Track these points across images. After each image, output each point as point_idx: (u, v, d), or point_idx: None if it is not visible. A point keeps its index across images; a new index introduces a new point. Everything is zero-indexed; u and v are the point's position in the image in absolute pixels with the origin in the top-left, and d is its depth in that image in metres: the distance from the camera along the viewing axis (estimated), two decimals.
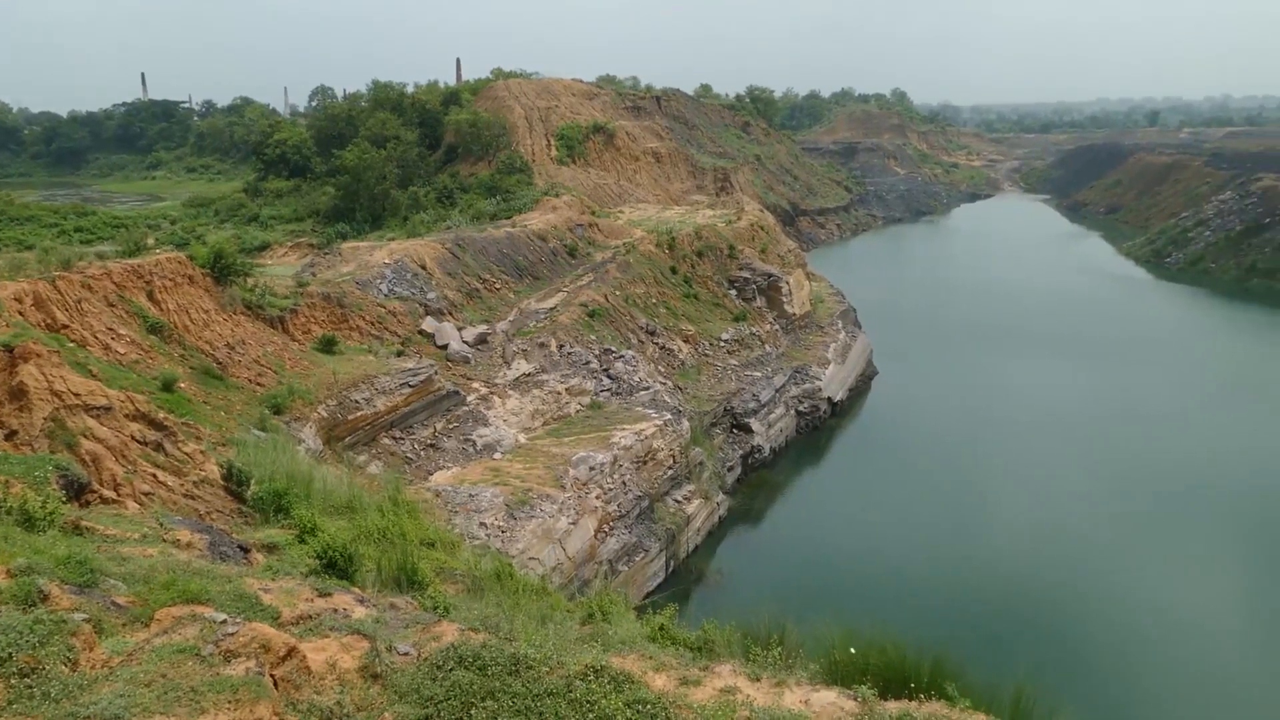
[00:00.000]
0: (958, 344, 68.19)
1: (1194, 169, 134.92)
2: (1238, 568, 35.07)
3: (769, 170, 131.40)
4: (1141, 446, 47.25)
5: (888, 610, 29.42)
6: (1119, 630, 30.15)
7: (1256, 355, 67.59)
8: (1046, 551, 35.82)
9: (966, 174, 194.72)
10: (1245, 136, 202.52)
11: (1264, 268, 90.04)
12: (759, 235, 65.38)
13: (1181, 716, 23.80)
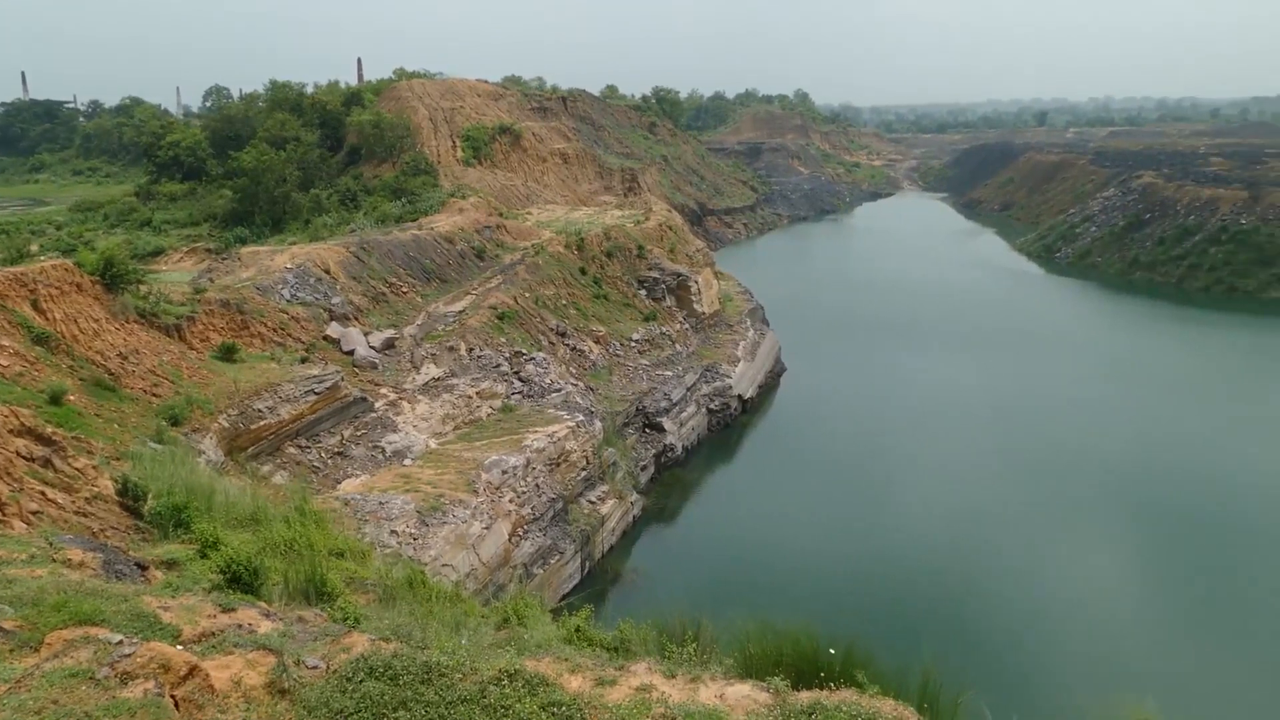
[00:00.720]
0: (863, 339, 69.86)
1: (1080, 167, 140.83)
2: (1127, 547, 36.74)
3: (676, 171, 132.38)
4: (1036, 434, 49.12)
5: (801, 602, 30.02)
6: (1017, 611, 31.32)
7: (1140, 345, 70.89)
8: (949, 539, 36.96)
9: (868, 173, 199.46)
10: (1126, 136, 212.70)
11: (1145, 261, 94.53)
12: (667, 235, 65.82)
13: (1077, 690, 24.79)
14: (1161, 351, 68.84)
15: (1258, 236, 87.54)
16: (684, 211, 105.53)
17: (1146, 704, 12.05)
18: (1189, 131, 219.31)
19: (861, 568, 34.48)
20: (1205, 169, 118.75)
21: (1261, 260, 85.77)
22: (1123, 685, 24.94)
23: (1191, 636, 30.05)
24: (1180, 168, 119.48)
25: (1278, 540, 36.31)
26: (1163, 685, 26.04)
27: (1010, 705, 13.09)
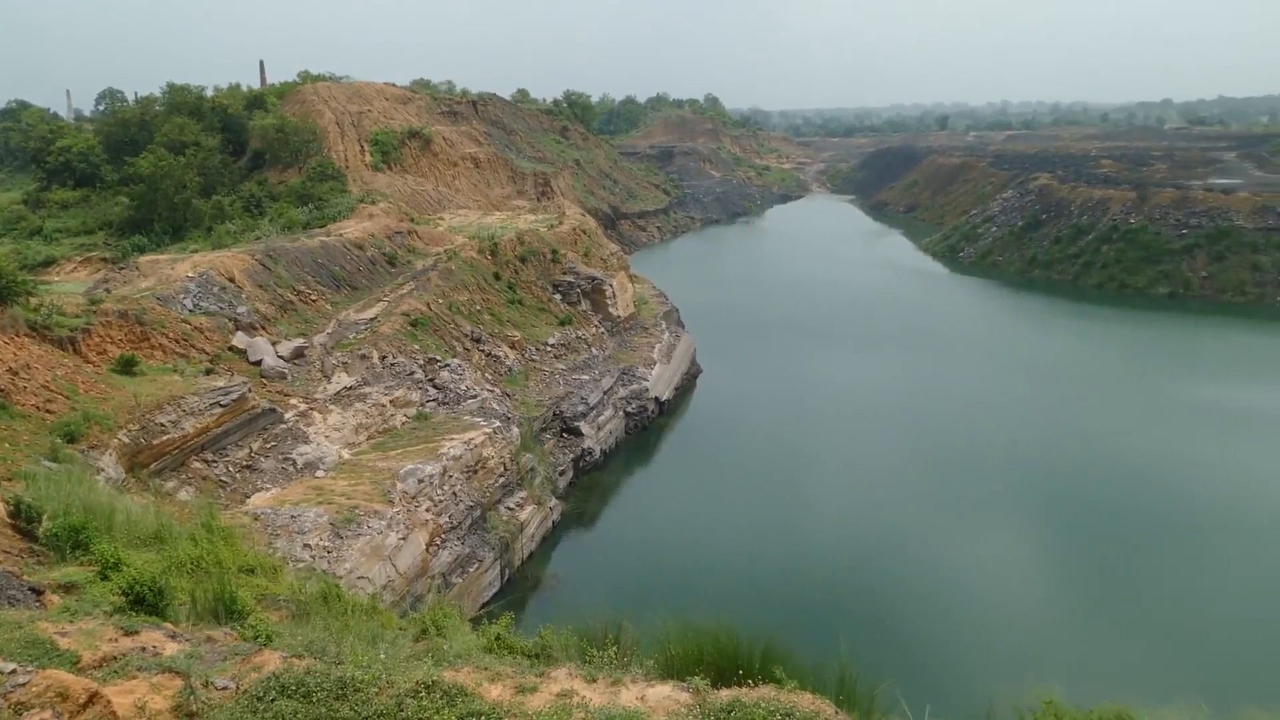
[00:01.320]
0: (777, 339, 70.91)
1: (980, 170, 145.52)
2: (1033, 537, 38.07)
3: (589, 174, 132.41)
4: (945, 430, 50.55)
5: (721, 601, 30.15)
6: (930, 603, 32.17)
7: (1041, 341, 73.55)
8: (864, 534, 37.78)
9: (778, 176, 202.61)
10: (1022, 139, 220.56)
11: (1043, 260, 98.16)
12: (581, 239, 65.80)
13: (987, 677, 25.57)
14: (1061, 347, 71.51)
15: (1145, 235, 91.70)
16: (598, 215, 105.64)
17: (1052, 688, 12.46)
18: (1081, 135, 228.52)
19: (779, 565, 34.99)
20: (1096, 171, 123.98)
21: (1149, 258, 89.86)
22: (1030, 671, 25.78)
23: (1093, 622, 31.28)
24: (1073, 170, 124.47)
25: (1174, 526, 38.01)
26: (1067, 669, 27.08)
27: (924, 694, 13.40)
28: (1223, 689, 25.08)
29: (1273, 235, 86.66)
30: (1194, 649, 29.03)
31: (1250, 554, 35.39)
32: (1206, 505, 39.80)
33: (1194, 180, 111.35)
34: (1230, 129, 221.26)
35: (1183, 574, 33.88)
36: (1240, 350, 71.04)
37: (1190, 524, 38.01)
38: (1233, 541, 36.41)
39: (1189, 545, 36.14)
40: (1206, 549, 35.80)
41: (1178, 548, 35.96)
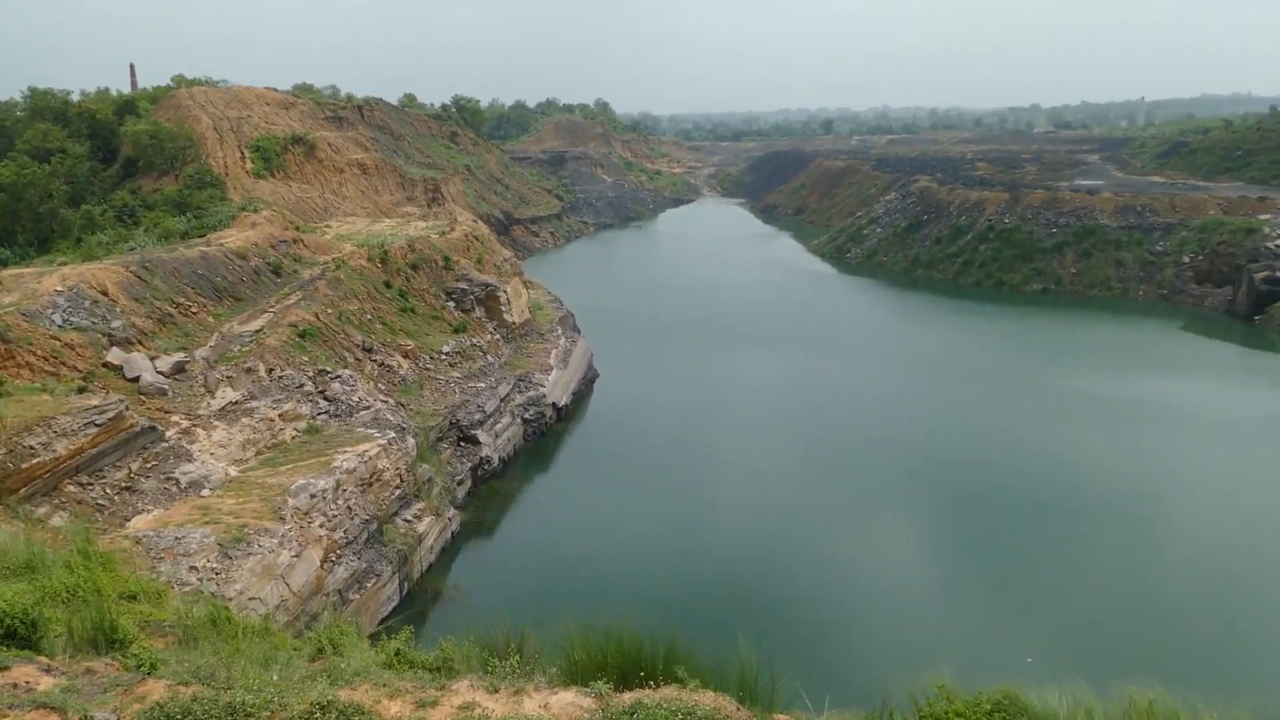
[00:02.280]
0: (673, 341, 71.56)
1: (864, 173, 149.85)
2: (925, 528, 39.36)
3: (480, 180, 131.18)
4: (837, 426, 51.87)
5: (625, 604, 30.34)
6: (828, 596, 32.96)
7: (925, 337, 76.15)
8: (763, 532, 38.43)
9: (669, 180, 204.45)
10: (903, 143, 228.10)
11: (925, 259, 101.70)
12: (474, 245, 65.10)
13: (884, 665, 26.29)
14: (945, 342, 74.19)
15: (1019, 234, 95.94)
16: (490, 221, 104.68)
17: (943, 673, 12.90)
18: (957, 139, 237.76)
19: (681, 566, 35.28)
20: (973, 173, 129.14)
21: (1023, 256, 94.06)
22: (924, 658, 26.67)
23: (982, 607, 32.52)
24: (951, 172, 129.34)
25: (1053, 512, 39.80)
26: (959, 654, 28.06)
27: (824, 685, 13.71)
28: (1100, 666, 26.42)
29: (1133, 233, 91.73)
30: (1074, 630, 30.45)
31: (1123, 537, 37.35)
32: (1081, 490, 41.85)
33: (1062, 181, 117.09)
34: (1093, 133, 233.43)
35: (1062, 558, 35.52)
36: (1107, 341, 75.01)
37: (1067, 509, 39.89)
38: (1107, 525, 38.36)
39: (1067, 530, 37.91)
40: (1083, 533, 37.62)
41: (1057, 533, 37.68)
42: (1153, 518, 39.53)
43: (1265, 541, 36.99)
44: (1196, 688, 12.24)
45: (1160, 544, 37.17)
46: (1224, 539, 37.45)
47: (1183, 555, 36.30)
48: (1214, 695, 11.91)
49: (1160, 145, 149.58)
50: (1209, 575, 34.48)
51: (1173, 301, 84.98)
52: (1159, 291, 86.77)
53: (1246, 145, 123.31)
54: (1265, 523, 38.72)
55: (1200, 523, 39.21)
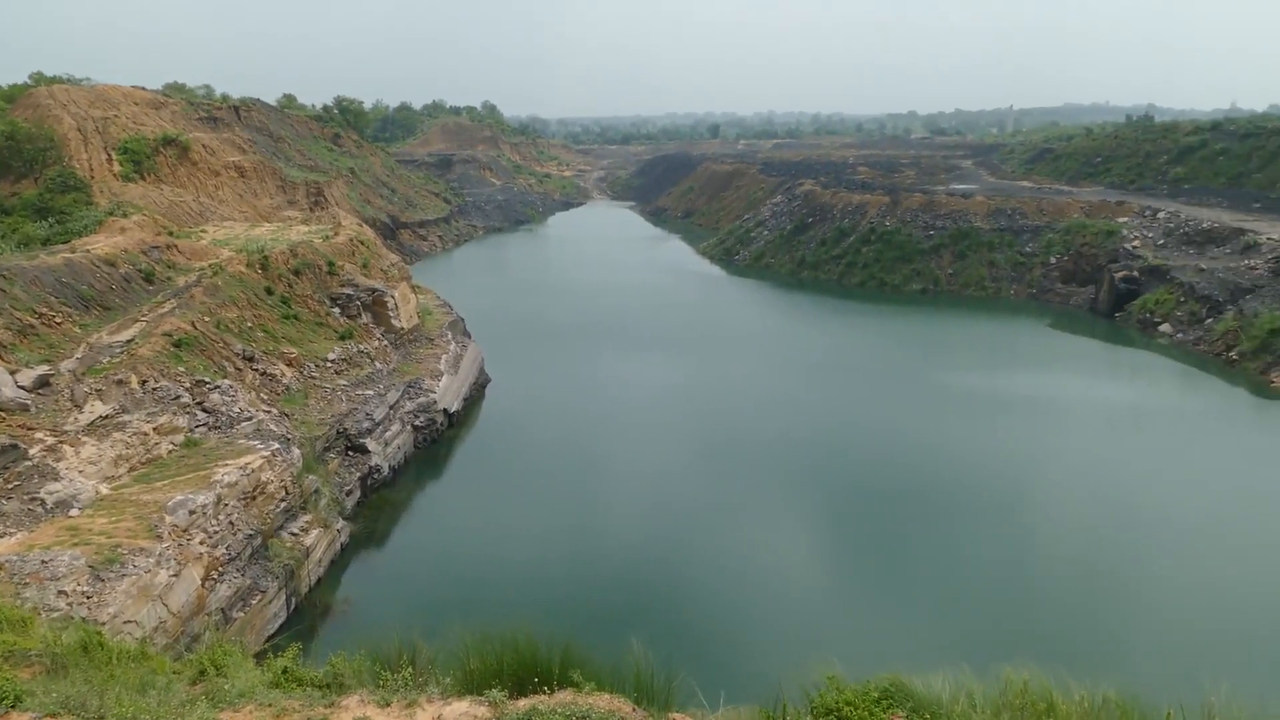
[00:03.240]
0: (565, 344, 71.46)
1: (751, 176, 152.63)
2: (814, 522, 40.30)
3: (365, 183, 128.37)
4: (729, 425, 52.65)
5: (520, 610, 29.98)
6: (722, 593, 33.40)
7: (812, 336, 78.09)
8: (656, 531, 38.72)
9: (559, 183, 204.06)
10: (788, 147, 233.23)
11: (811, 261, 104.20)
12: (359, 250, 63.66)
13: (775, 658, 26.84)
14: (831, 342, 76.24)
15: (899, 237, 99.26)
16: (376, 225, 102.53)
17: (833, 664, 13.26)
18: (840, 144, 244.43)
19: (577, 569, 35.25)
20: (855, 177, 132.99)
21: (903, 258, 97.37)
22: (815, 650, 27.35)
23: (869, 598, 33.49)
24: (834, 176, 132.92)
25: (935, 503, 41.29)
26: (848, 645, 28.86)
27: (718, 681, 13.91)
28: (980, 650, 27.53)
29: (1005, 235, 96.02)
30: (956, 616, 31.64)
31: (999, 525, 39.04)
32: (959, 482, 43.57)
33: (938, 186, 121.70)
34: (966, 139, 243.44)
35: (943, 547, 36.88)
36: (983, 339, 78.41)
37: (946, 500, 41.46)
38: (983, 514, 40.03)
39: (947, 520, 39.39)
40: (961, 523, 39.15)
41: (938, 523, 39.11)
42: (1025, 506, 41.44)
43: (1127, 525, 39.22)
44: (1067, 666, 12.90)
45: (1032, 531, 38.98)
46: (1090, 524, 39.54)
47: (1053, 541, 38.15)
48: (1082, 673, 12.56)
49: (1028, 151, 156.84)
50: (1077, 560, 36.34)
51: (1041, 300, 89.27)
52: (1029, 291, 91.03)
53: (1105, 152, 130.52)
54: (1127, 507, 41.05)
55: (1068, 509, 41.30)
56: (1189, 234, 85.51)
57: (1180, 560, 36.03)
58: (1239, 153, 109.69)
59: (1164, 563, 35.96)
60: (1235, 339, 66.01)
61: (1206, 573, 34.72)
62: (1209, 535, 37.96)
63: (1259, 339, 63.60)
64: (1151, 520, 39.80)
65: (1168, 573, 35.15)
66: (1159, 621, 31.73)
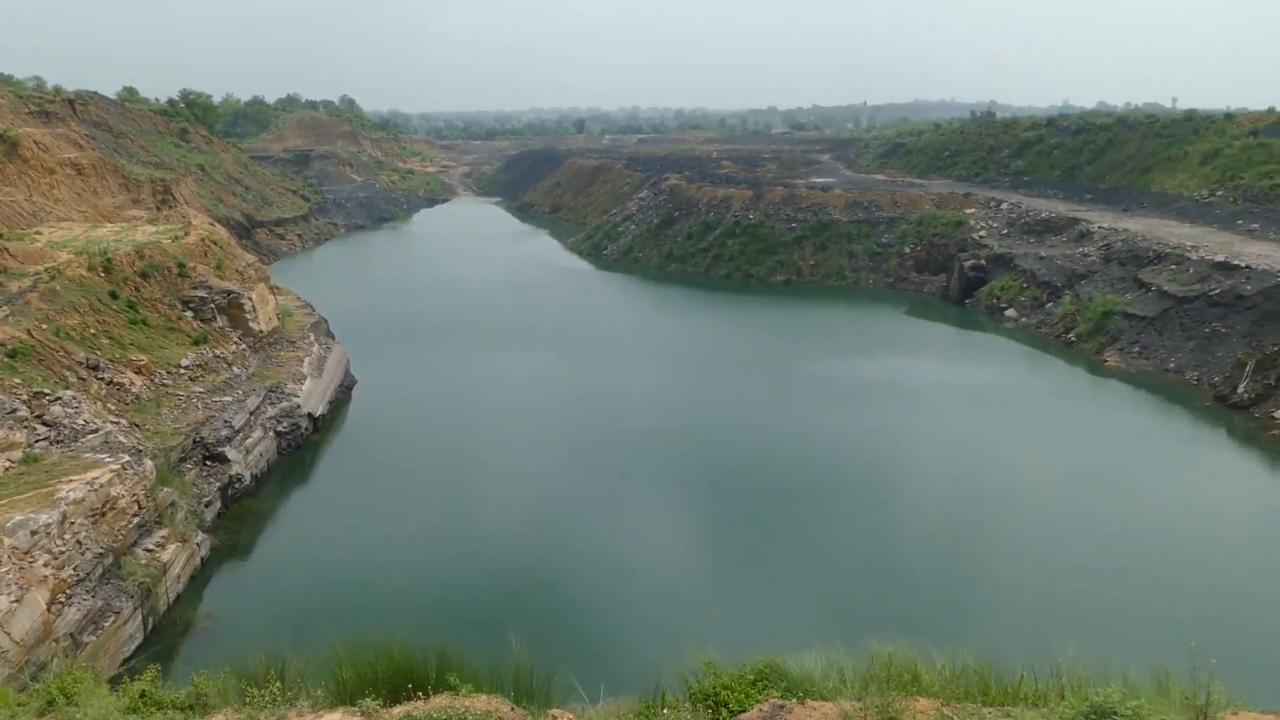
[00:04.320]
0: (434, 343, 70.21)
1: (617, 171, 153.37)
2: (688, 513, 40.87)
3: (216, 181, 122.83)
4: (601, 419, 52.86)
5: (395, 616, 29.46)
6: (597, 587, 33.54)
7: (682, 328, 79.15)
8: (531, 528, 38.55)
9: (423, 180, 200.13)
10: (653, 142, 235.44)
11: (678, 255, 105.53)
12: (212, 250, 60.89)
13: (653, 647, 27.14)
14: (700, 333, 77.50)
15: (762, 229, 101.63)
16: (229, 224, 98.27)
17: (710, 650, 13.52)
18: (704, 139, 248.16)
19: (453, 570, 34.76)
20: (719, 172, 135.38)
21: (767, 250, 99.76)
22: (692, 637, 27.79)
23: (744, 584, 34.22)
24: (699, 171, 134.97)
25: (803, 487, 42.52)
26: (725, 631, 29.42)
27: (598, 674, 13.98)
28: (849, 627, 28.55)
29: (862, 227, 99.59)
30: (827, 596, 32.70)
31: (866, 506, 40.55)
32: (825, 465, 45.04)
33: (798, 179, 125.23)
34: (824, 134, 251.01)
35: (815, 530, 38.05)
36: (844, 326, 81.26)
37: (814, 484, 42.81)
38: (852, 496, 41.49)
39: (817, 503, 40.64)
40: (832, 505, 40.47)
41: (808, 506, 40.31)
42: (888, 486, 43.19)
43: (982, 499, 41.39)
44: (930, 638, 13.50)
45: (896, 510, 40.66)
46: (949, 500, 41.55)
47: (915, 519, 39.89)
48: (944, 643, 13.19)
49: (882, 146, 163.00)
50: (938, 535, 38.11)
51: (898, 288, 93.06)
52: (886, 280, 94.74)
53: (953, 146, 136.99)
54: (981, 482, 43.31)
55: (928, 487, 43.26)
56: (1029, 224, 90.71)
57: (1030, 531, 38.22)
58: (1072, 147, 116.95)
59: (1016, 534, 38.09)
60: (1073, 322, 70.41)
61: (1054, 541, 36.97)
62: (1055, 505, 40.42)
63: (1093, 321, 68.05)
64: (1003, 494, 42.11)
65: (1019, 543, 37.25)
66: (1013, 590, 33.61)
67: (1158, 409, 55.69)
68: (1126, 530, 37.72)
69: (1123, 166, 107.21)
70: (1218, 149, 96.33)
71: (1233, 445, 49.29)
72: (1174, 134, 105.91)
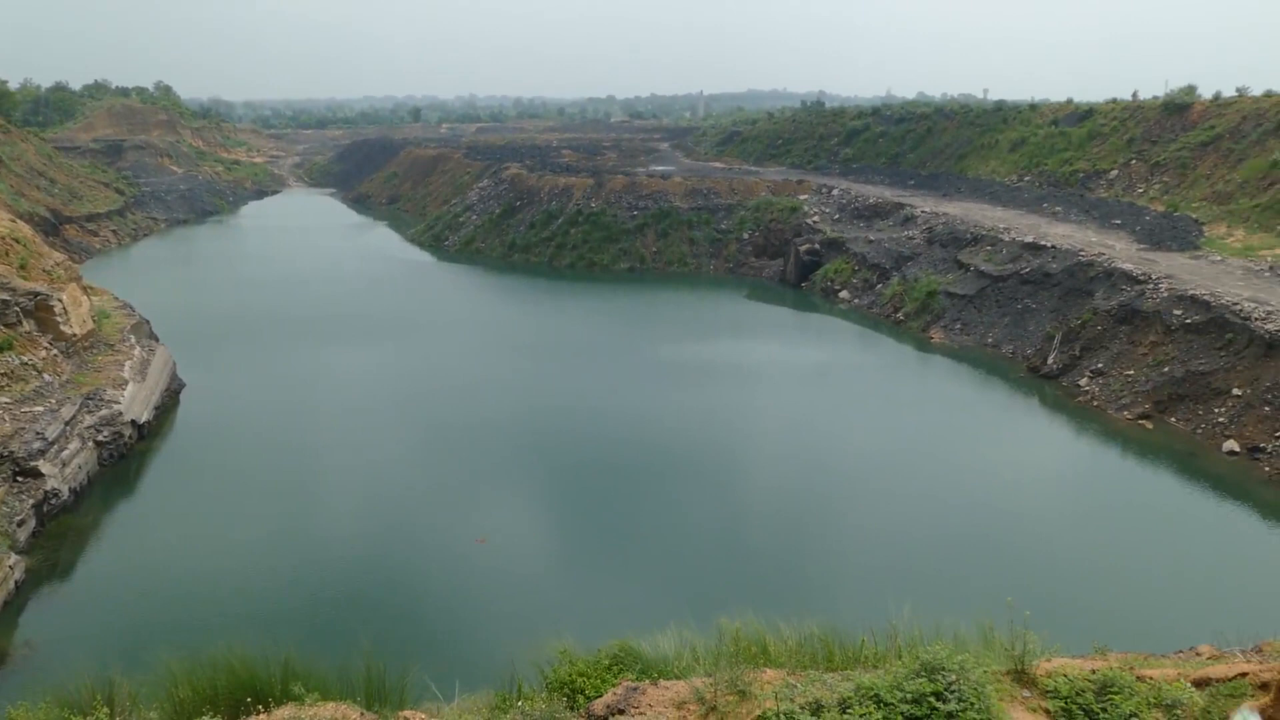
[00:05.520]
0: (267, 342, 67.26)
1: (456, 161, 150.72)
2: (534, 500, 40.79)
3: (17, 174, 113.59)
4: (449, 411, 52.00)
5: (237, 628, 28.11)
6: (447, 581, 33.07)
7: (529, 317, 78.70)
8: (376, 524, 37.57)
9: (250, 171, 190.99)
10: (492, 131, 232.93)
11: (521, 244, 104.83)
12: (14, 249, 56.28)
13: (507, 639, 27.08)
14: (546, 323, 77.30)
15: (605, 218, 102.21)
16: (34, 220, 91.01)
17: (565, 639, 13.61)
18: (543, 127, 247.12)
19: (297, 576, 33.44)
20: (559, 160, 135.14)
21: (609, 238, 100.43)
22: (548, 626, 27.83)
23: (597, 570, 34.50)
24: (539, 159, 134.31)
25: (652, 471, 43.11)
26: (581, 618, 29.54)
27: (453, 672, 13.83)
28: (704, 607, 29.20)
29: (702, 214, 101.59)
30: (681, 577, 33.31)
31: (715, 486, 41.55)
32: (676, 448, 45.83)
33: (639, 168, 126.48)
34: (663, 123, 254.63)
35: (666, 512, 38.68)
36: (688, 312, 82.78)
37: (665, 467, 43.49)
38: (701, 477, 42.41)
39: (668, 486, 41.32)
40: (682, 487, 41.22)
41: (659, 489, 40.93)
42: (735, 465, 44.45)
43: (823, 473, 43.19)
44: (778, 611, 14.00)
45: (743, 488, 41.90)
46: (792, 475, 43.14)
47: (761, 495, 41.23)
48: (791, 614, 13.70)
49: (718, 134, 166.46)
50: (783, 510, 39.49)
51: (738, 274, 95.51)
52: (726, 265, 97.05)
53: (786, 135, 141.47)
54: (821, 456, 45.15)
55: (773, 464, 44.77)
56: (859, 209, 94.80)
57: (868, 501, 40.11)
58: (895, 135, 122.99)
59: (855, 505, 39.89)
60: (901, 301, 74.16)
61: (890, 510, 38.94)
62: (890, 476, 42.58)
63: (919, 300, 71.88)
64: (841, 467, 44.06)
65: (859, 513, 39.02)
66: (855, 559, 35.20)
67: (978, 381, 59.43)
68: (954, 495, 40.11)
69: (941, 154, 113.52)
70: (1024, 137, 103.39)
71: (1044, 412, 53.15)
72: (986, 123, 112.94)
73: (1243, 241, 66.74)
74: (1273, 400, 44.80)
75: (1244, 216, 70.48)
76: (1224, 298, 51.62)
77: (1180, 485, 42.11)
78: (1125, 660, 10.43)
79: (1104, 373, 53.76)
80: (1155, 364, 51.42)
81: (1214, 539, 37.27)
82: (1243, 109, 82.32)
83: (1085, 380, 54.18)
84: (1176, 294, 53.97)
